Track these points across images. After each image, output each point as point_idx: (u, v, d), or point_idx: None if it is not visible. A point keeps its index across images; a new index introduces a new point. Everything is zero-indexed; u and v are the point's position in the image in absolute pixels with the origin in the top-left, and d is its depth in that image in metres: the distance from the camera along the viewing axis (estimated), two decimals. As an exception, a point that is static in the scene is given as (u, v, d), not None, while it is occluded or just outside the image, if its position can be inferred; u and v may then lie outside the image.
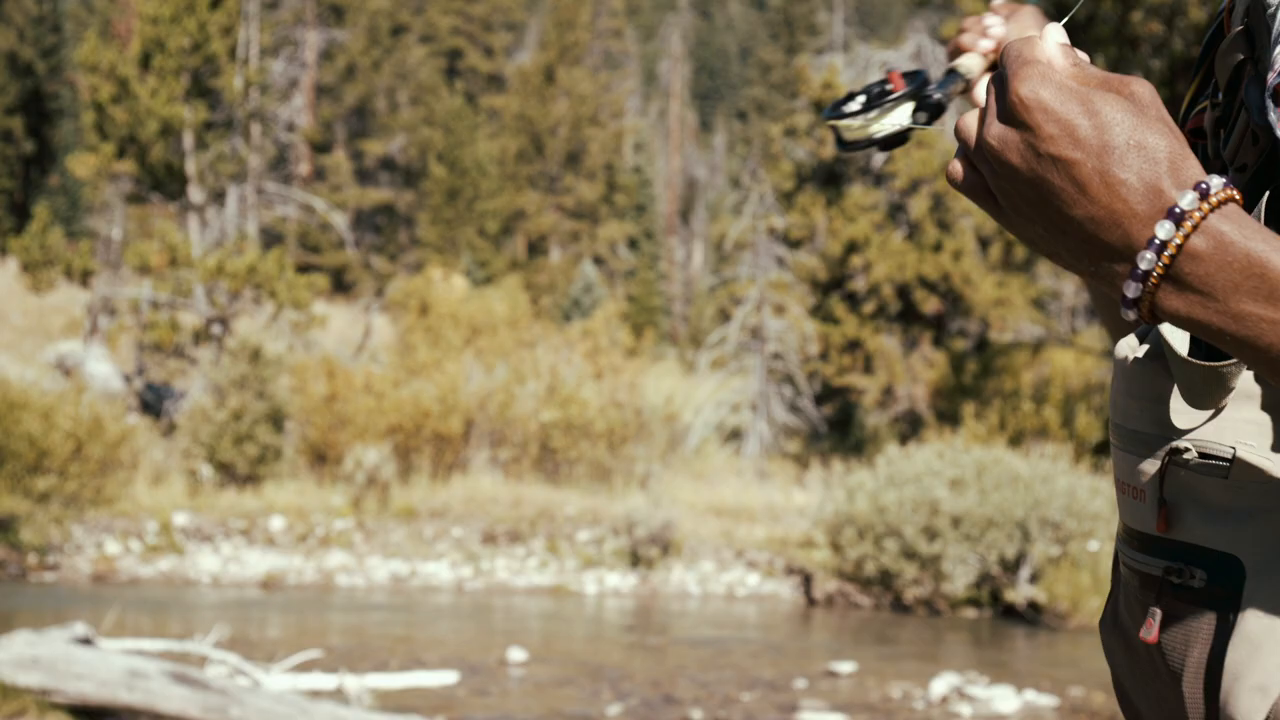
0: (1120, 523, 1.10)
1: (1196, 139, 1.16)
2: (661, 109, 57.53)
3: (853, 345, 28.04)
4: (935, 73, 1.63)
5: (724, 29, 66.57)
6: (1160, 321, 0.87)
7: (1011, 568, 16.39)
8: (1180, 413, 1.02)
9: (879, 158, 29.45)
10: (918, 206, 28.27)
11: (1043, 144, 0.84)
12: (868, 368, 27.88)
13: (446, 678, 11.56)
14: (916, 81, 1.45)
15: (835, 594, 17.06)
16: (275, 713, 8.64)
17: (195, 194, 25.72)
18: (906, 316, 28.29)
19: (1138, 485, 1.05)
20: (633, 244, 45.82)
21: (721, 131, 57.77)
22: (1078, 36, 25.25)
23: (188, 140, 25.39)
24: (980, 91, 1.53)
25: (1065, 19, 0.93)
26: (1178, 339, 1.02)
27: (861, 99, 1.46)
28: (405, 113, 47.83)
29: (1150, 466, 1.03)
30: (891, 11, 57.43)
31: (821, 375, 27.89)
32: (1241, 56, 1.04)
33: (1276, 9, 1.00)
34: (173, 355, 24.42)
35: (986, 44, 1.54)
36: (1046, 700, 11.45)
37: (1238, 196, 0.85)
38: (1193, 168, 0.85)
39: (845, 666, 12.56)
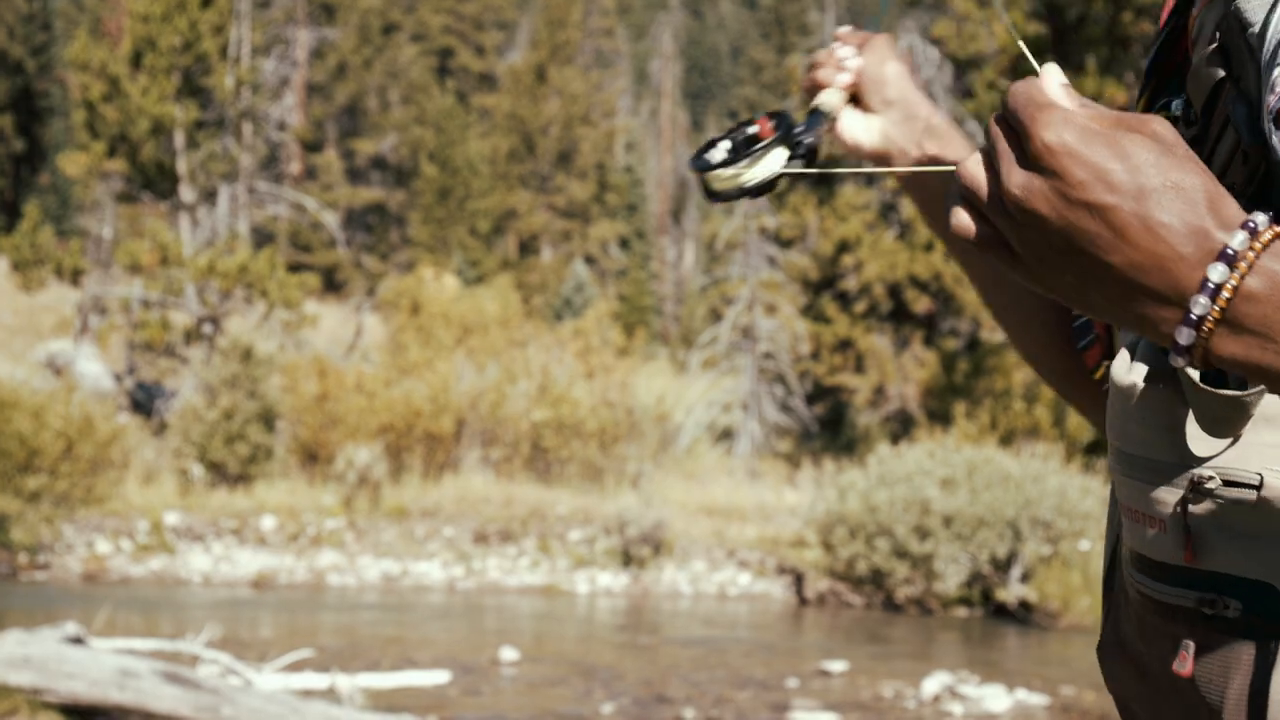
0: (1128, 549, 1.08)
1: None
2: (653, 108, 57.53)
3: (844, 345, 28.07)
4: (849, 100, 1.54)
5: (715, 28, 66.60)
6: (1213, 367, 0.85)
7: (1003, 567, 16.41)
8: (1197, 439, 0.99)
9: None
10: (909, 206, 28.31)
11: (1074, 190, 0.81)
12: (859, 367, 27.92)
13: (438, 677, 11.55)
14: (784, 125, 1.40)
15: (827, 593, 17.07)
16: (267, 712, 8.63)
17: (186, 193, 25.68)
18: (898, 316, 28.33)
19: (1153, 514, 1.02)
20: (624, 243, 45.82)
21: (713, 131, 57.77)
22: (1069, 37, 25.30)
23: (179, 139, 25.35)
24: (850, 128, 1.45)
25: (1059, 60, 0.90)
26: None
27: (726, 145, 1.41)
28: (396, 112, 47.80)
29: (1169, 495, 1.01)
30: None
31: (813, 375, 27.92)
32: (1221, 74, 1.02)
33: (1265, 29, 0.98)
34: (163, 354, 24.39)
35: (844, 78, 1.47)
36: (1038, 699, 11.48)
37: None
38: (1231, 205, 0.83)
39: (837, 666, 12.58)
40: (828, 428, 27.80)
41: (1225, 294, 0.81)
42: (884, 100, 1.43)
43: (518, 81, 45.36)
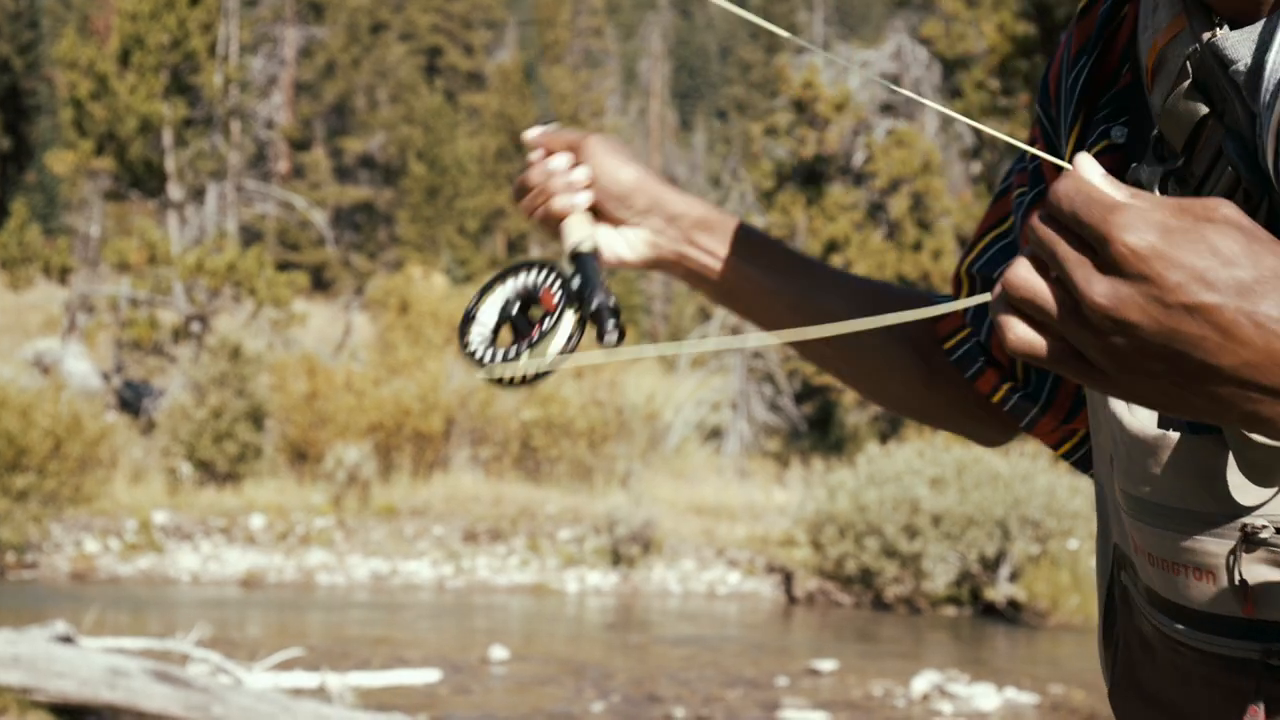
0: (1153, 596, 1.07)
1: None
2: (641, 108, 57.53)
3: (833, 344, 28.09)
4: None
5: (704, 28, 66.63)
6: None
7: (991, 566, 16.45)
8: (1241, 488, 0.98)
9: (858, 158, 29.52)
10: (897, 206, 28.35)
11: (1170, 294, 0.75)
12: (848, 367, 27.94)
13: (429, 676, 11.55)
14: (566, 292, 1.22)
15: (816, 592, 17.10)
16: (258, 711, 8.62)
17: (174, 191, 25.64)
18: (886, 315, 28.35)
19: (1195, 564, 1.01)
20: (613, 242, 45.82)
21: (701, 130, 57.82)
22: (1058, 38, 25.38)
23: (167, 137, 25.30)
24: (611, 248, 1.33)
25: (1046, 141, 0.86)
26: None
27: (491, 317, 1.24)
28: (385, 110, 47.75)
29: (1216, 545, 1.00)
30: (871, 11, 57.55)
31: (801, 374, 27.95)
32: (1204, 110, 1.01)
33: (1259, 69, 0.97)
34: (151, 353, 24.34)
35: (582, 198, 1.32)
36: (1027, 698, 11.50)
37: None
38: None
39: (826, 664, 12.59)
40: (816, 427, 27.83)
41: None
42: (637, 211, 1.34)
43: (506, 80, 45.35)
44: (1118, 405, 1.06)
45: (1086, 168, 0.79)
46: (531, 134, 1.40)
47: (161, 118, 24.64)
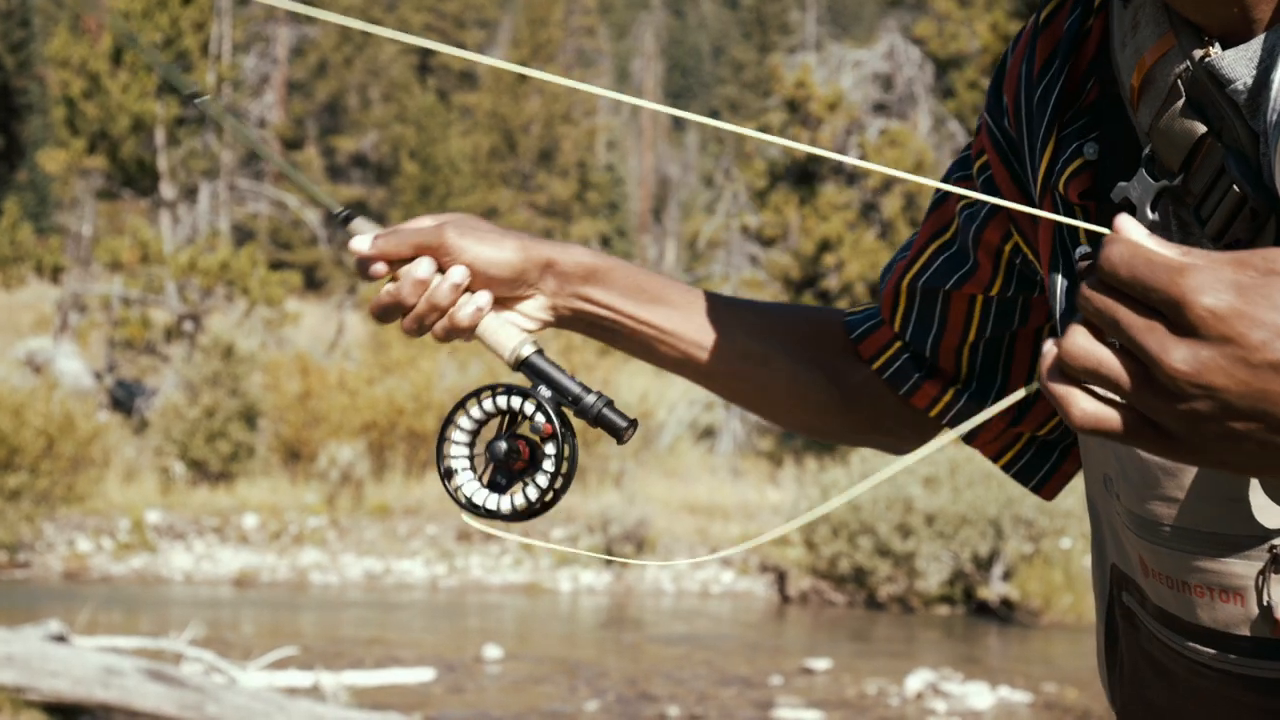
0: (1168, 618, 1.06)
1: (1083, 201, 1.12)
2: (634, 107, 57.53)
3: (825, 343, 28.12)
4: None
5: (696, 28, 66.64)
6: None
7: (984, 565, 16.46)
8: (1264, 509, 0.99)
9: (851, 156, 29.54)
10: (890, 205, 28.37)
11: (1255, 353, 0.73)
12: (840, 366, 27.98)
13: (423, 675, 11.54)
14: (556, 413, 1.18)
15: (809, 591, 17.11)
16: (252, 710, 8.61)
17: (167, 190, 25.60)
18: (879, 315, 28.40)
19: (1223, 586, 1.01)
20: (605, 242, 45.82)
21: (694, 130, 57.81)
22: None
23: (160, 136, 25.26)
24: (520, 325, 1.26)
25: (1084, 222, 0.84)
26: None
27: (464, 455, 1.18)
28: (377, 109, 47.71)
29: (1244, 568, 1.00)
30: (864, 10, 57.58)
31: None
32: (1202, 129, 1.00)
33: (1264, 88, 0.97)
34: (144, 352, 24.30)
35: (484, 297, 1.23)
36: (1020, 696, 11.52)
37: None
38: None
39: (820, 663, 12.60)
40: (809, 426, 27.83)
41: None
42: (532, 284, 1.27)
43: (499, 80, 45.31)
44: None
45: (1130, 229, 0.76)
46: (361, 245, 1.25)
47: (154, 116, 24.60)
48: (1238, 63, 0.98)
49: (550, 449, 1.20)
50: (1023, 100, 1.19)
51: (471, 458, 1.21)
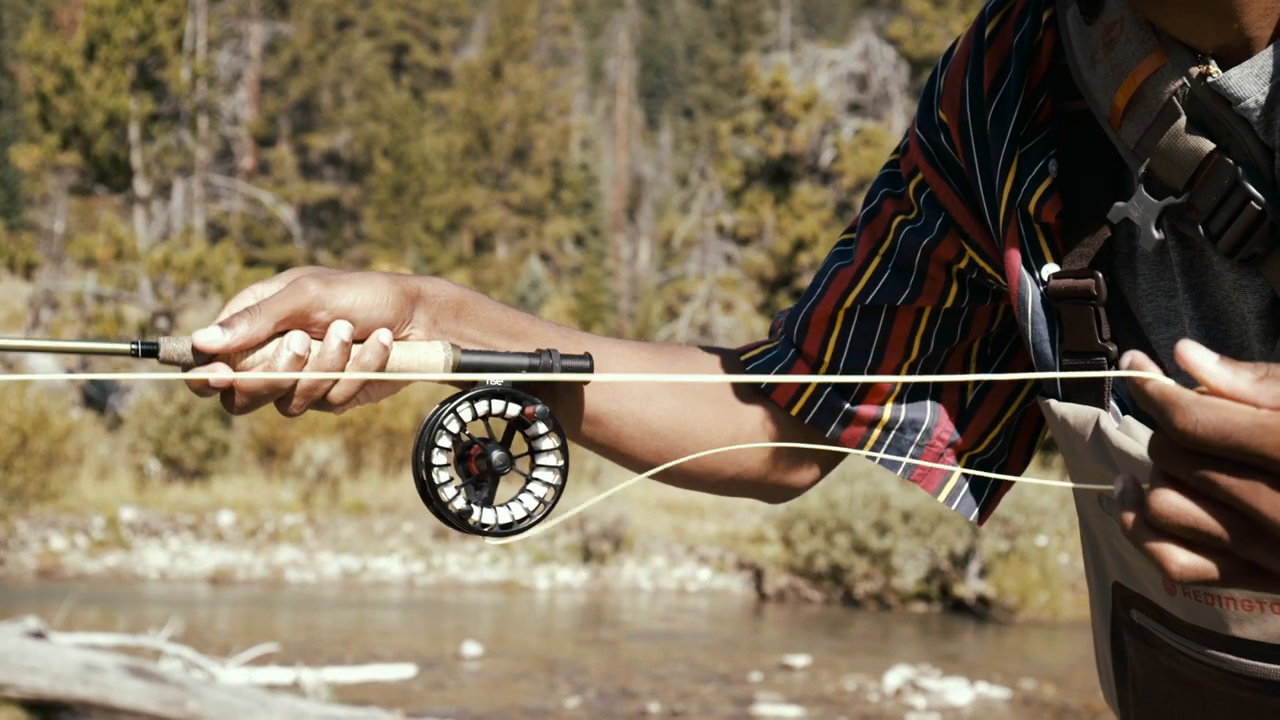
0: (1214, 634, 1.06)
1: (1062, 222, 1.10)
2: (608, 106, 57.52)
3: (800, 342, 28.20)
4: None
5: (670, 27, 66.68)
6: None
7: (961, 563, 16.54)
8: None
9: (826, 157, 29.62)
10: (865, 205, 28.46)
11: None
12: (815, 365, 28.06)
13: (403, 672, 11.53)
14: (558, 429, 1.15)
15: (786, 589, 17.15)
16: (234, 706, 8.58)
17: (141, 186, 25.48)
18: (854, 314, 28.48)
19: (1261, 598, 1.01)
20: (579, 241, 45.82)
21: (668, 129, 57.85)
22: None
23: (134, 132, 25.14)
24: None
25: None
26: None
27: (457, 492, 1.12)
28: (350, 107, 47.58)
29: None
30: (838, 10, 57.71)
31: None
32: (1209, 146, 1.00)
33: (1270, 107, 0.97)
34: (118, 349, 24.16)
35: (383, 334, 1.10)
36: (998, 692, 11.57)
37: None
38: None
39: (799, 660, 12.63)
40: (784, 425, 27.92)
41: None
42: (405, 323, 1.14)
43: (473, 78, 45.26)
44: (1128, 443, 1.04)
45: (1205, 360, 0.75)
46: (212, 339, 1.06)
47: (128, 112, 24.49)
48: (1245, 80, 0.97)
49: (549, 443, 1.15)
50: (970, 119, 1.17)
51: (458, 475, 1.14)
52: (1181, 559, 0.75)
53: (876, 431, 1.29)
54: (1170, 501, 0.75)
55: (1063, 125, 1.12)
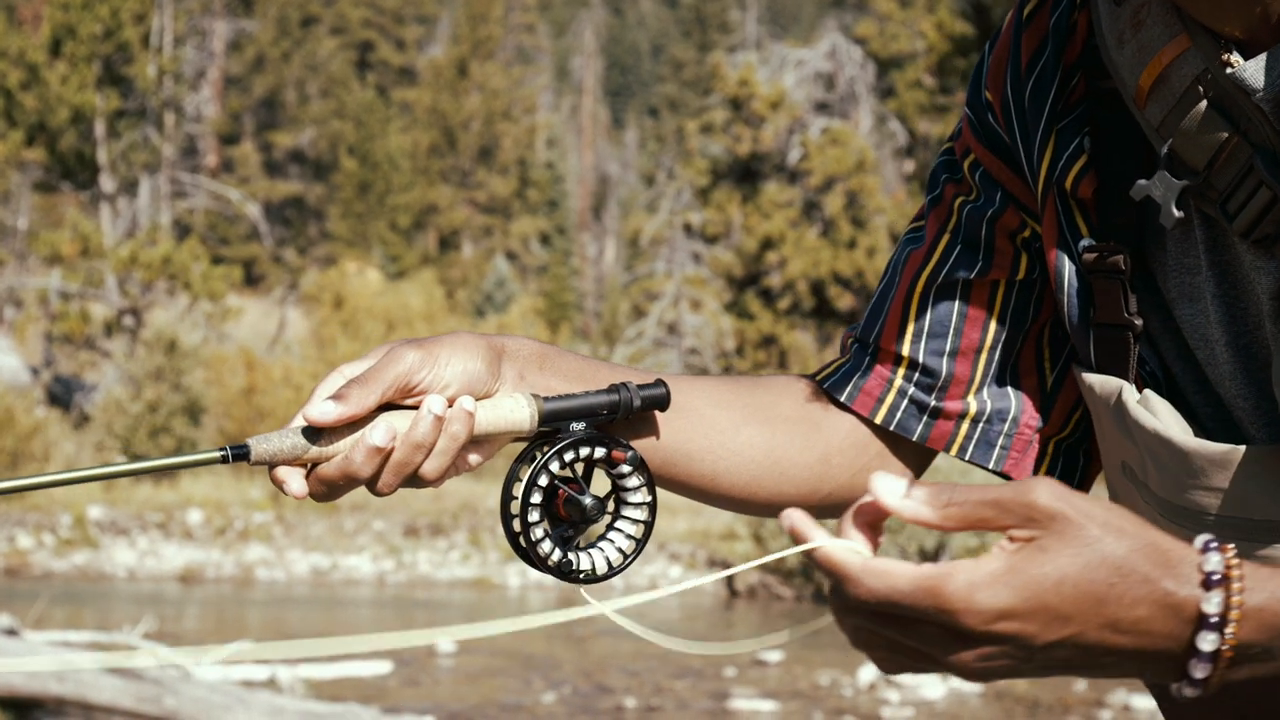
0: None
1: (1097, 199, 1.14)
2: (574, 105, 57.51)
3: (768, 341, 28.26)
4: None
5: (636, 26, 66.72)
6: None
7: (931, 558, 16.62)
8: None
9: (793, 156, 29.71)
10: (832, 204, 28.55)
11: (1035, 641, 0.86)
12: (782, 363, 28.12)
13: (379, 668, 11.51)
14: (645, 468, 1.15)
15: (757, 586, 17.20)
16: (212, 702, 8.55)
17: (107, 183, 25.32)
18: (821, 313, 28.56)
19: None
20: (545, 239, 45.78)
21: (633, 128, 57.87)
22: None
23: (99, 128, 24.98)
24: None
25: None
26: None
27: (542, 527, 1.12)
28: (315, 105, 47.38)
29: None
30: (803, 11, 57.88)
31: (736, 370, 28.08)
32: (1226, 133, 1.03)
33: (1277, 101, 1.00)
34: (83, 347, 24.02)
35: (467, 401, 1.11)
36: (971, 687, 11.65)
37: (1236, 559, 0.85)
38: (1173, 549, 0.86)
39: (773, 655, 12.68)
40: (752, 423, 28.00)
41: (1224, 658, 0.85)
42: (496, 379, 1.15)
43: (438, 76, 45.15)
44: (1155, 422, 1.08)
45: (900, 507, 0.89)
46: (326, 413, 1.07)
47: (94, 108, 24.34)
48: (1259, 72, 1.00)
49: (635, 481, 1.15)
50: (1010, 97, 1.19)
51: (546, 520, 1.14)
52: (886, 664, 0.91)
53: (965, 425, 1.28)
54: (860, 632, 0.91)
55: (1097, 103, 1.15)
